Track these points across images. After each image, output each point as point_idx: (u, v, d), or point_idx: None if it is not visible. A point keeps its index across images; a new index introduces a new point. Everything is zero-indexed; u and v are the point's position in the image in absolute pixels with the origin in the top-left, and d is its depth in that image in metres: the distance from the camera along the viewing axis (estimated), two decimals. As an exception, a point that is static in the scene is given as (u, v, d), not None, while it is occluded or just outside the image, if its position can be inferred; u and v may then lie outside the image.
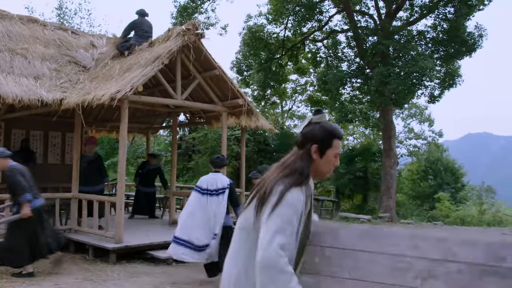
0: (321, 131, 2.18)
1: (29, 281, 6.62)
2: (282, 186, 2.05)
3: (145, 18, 10.78)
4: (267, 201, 2.05)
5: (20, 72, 9.24)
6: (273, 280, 1.88)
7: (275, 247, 1.91)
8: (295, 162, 2.16)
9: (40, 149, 12.48)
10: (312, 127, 2.20)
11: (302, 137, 2.21)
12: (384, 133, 19.62)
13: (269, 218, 1.99)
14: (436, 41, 18.89)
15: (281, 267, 1.89)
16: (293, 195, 2.03)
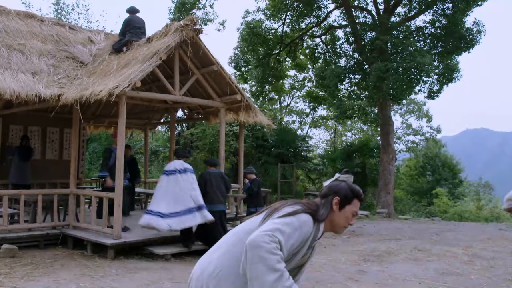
0: (346, 188, 2.42)
1: (27, 276, 6.62)
2: (299, 207, 2.26)
3: (136, 15, 10.87)
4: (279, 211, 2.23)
5: (17, 67, 9.21)
6: (264, 259, 1.97)
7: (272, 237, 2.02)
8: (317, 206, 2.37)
9: (38, 145, 12.47)
10: (339, 183, 2.45)
11: (327, 189, 2.44)
12: (382, 129, 19.64)
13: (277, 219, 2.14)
14: (435, 36, 18.88)
15: (272, 249, 1.99)
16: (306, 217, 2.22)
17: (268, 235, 2.02)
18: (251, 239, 2.02)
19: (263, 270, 1.97)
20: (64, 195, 9.41)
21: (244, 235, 2.19)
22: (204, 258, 2.35)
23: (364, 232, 12.38)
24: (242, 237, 2.19)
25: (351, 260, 8.29)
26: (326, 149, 32.09)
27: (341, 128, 33.38)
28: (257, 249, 1.99)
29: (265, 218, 2.25)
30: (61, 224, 9.21)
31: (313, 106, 30.10)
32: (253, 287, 2.00)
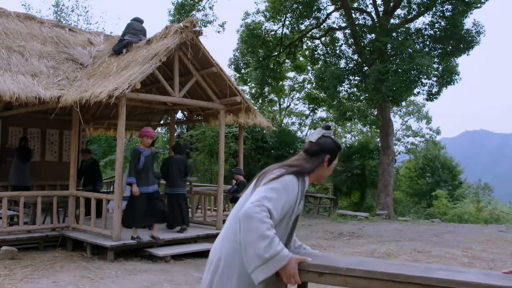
0: (333, 145, 2.62)
1: (27, 278, 6.61)
2: (283, 170, 2.45)
3: (138, 23, 11.00)
4: (265, 177, 2.44)
5: (17, 69, 9.22)
6: (256, 228, 2.18)
7: (261, 206, 2.22)
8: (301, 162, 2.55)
9: (38, 147, 12.47)
10: (325, 140, 2.61)
11: (317, 147, 2.60)
12: (381, 130, 19.65)
13: (262, 187, 2.35)
14: (434, 38, 18.91)
15: (262, 218, 2.19)
16: (288, 178, 2.40)
17: (257, 206, 2.22)
18: (243, 211, 2.23)
19: (255, 238, 2.17)
20: (63, 197, 9.41)
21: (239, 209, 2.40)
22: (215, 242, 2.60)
23: (364, 234, 12.38)
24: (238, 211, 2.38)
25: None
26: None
27: (341, 130, 33.40)
28: (248, 220, 2.19)
29: (253, 188, 2.47)
30: (61, 226, 9.20)
31: (312, 108, 30.12)
32: (248, 254, 2.21)
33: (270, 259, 2.19)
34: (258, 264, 2.20)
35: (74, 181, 9.39)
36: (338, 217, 16.38)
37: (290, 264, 2.22)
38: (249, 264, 2.23)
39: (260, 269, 2.20)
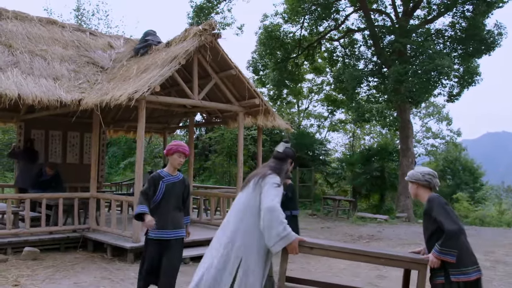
0: (292, 153, 4.12)
1: (49, 279, 6.70)
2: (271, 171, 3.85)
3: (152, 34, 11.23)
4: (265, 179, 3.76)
5: (39, 73, 9.35)
6: (277, 219, 3.51)
7: (276, 202, 3.57)
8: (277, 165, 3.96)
9: (59, 149, 12.63)
10: (287, 150, 4.08)
11: (284, 154, 4.04)
12: (401, 132, 19.47)
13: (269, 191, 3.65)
14: (454, 39, 18.68)
15: (281, 211, 3.54)
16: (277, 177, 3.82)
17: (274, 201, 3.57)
18: (267, 206, 3.54)
19: (276, 224, 3.51)
20: (84, 198, 9.51)
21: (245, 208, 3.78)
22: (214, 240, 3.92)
23: (384, 237, 12.27)
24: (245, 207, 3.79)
25: (370, 265, 8.21)
26: (344, 152, 31.92)
27: (360, 132, 33.18)
28: (271, 212, 3.52)
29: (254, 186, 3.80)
30: (82, 228, 9.31)
31: (331, 110, 29.99)
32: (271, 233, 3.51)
33: (284, 237, 3.52)
34: (277, 240, 3.52)
35: (95, 183, 9.49)
36: (357, 219, 16.27)
37: (295, 242, 3.58)
38: (270, 240, 3.53)
39: (278, 244, 3.53)
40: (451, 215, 3.62)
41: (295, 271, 7.58)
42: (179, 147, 5.10)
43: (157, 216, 4.92)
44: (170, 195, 5.05)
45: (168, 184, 5.06)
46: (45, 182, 10.11)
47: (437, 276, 3.67)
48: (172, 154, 5.10)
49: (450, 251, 3.52)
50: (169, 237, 4.99)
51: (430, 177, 3.88)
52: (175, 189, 5.09)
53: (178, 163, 5.11)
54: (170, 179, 5.10)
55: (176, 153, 5.07)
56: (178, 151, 5.07)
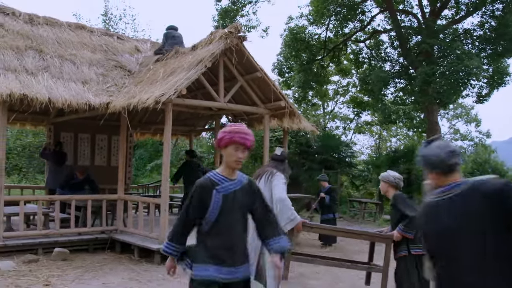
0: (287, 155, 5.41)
1: (78, 279, 6.82)
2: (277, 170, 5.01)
3: (173, 31, 11.59)
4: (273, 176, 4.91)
5: (69, 77, 9.53)
6: (287, 206, 4.78)
7: (285, 194, 4.84)
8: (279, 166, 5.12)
9: (88, 152, 12.83)
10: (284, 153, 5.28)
11: (282, 157, 5.21)
12: (428, 134, 19.16)
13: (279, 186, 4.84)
14: (483, 39, 18.31)
15: (289, 201, 4.83)
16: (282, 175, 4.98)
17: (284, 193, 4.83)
18: (278, 197, 4.77)
19: (287, 209, 4.78)
20: (112, 200, 9.65)
21: None
22: None
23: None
24: None
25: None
26: (370, 155, 31.60)
27: (386, 134, 32.82)
28: (282, 201, 4.77)
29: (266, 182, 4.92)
30: (109, 229, 9.45)
31: (357, 112, 29.74)
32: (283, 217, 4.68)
33: (293, 220, 4.80)
34: (288, 222, 4.75)
35: (122, 185, 9.62)
36: (383, 222, 16.08)
37: (300, 223, 4.91)
38: (282, 222, 4.40)
39: (288, 224, 4.77)
40: (411, 206, 5.02)
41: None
42: (235, 134, 3.19)
43: (211, 243, 3.22)
44: (231, 211, 3.24)
45: (227, 195, 3.24)
46: (76, 184, 10.34)
47: (401, 250, 5.04)
48: (225, 147, 3.23)
49: (409, 230, 4.91)
50: (231, 278, 3.22)
51: (398, 180, 5.30)
52: (237, 200, 3.27)
53: (236, 160, 3.22)
54: (228, 187, 3.26)
55: (231, 145, 3.20)
56: (234, 142, 3.18)
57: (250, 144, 3.21)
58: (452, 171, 2.57)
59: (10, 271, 7.08)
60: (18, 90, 8.15)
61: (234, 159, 3.21)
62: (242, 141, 3.17)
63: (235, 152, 3.19)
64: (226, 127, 3.26)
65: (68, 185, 10.28)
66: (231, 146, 3.19)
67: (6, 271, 7.04)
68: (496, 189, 2.37)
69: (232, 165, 3.25)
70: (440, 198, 2.55)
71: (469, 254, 2.39)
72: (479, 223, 2.37)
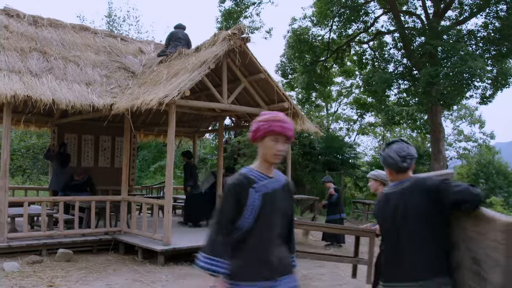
0: None
1: (82, 280, 6.83)
2: None
3: (181, 30, 11.66)
4: None
5: (73, 78, 9.56)
6: None
7: None
8: None
9: (91, 153, 12.86)
10: None
11: None
12: (432, 135, 19.13)
13: None
14: (487, 40, 18.27)
15: None
16: None
17: None
18: None
19: None
20: (116, 201, 9.67)
21: None
22: None
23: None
24: None
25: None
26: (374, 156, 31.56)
27: (390, 135, 32.77)
28: None
29: None
30: (113, 230, 9.46)
31: (360, 113, 29.73)
32: None
33: None
34: None
35: (126, 187, 9.64)
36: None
37: None
38: None
39: None
40: None
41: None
42: (274, 123, 2.76)
43: (248, 254, 2.73)
44: (271, 214, 2.76)
45: (266, 194, 2.76)
46: (76, 186, 10.35)
47: None
48: (262, 139, 2.79)
49: None
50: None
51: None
52: (277, 202, 2.80)
53: (275, 154, 2.77)
54: (267, 185, 2.79)
55: (269, 136, 2.76)
56: (273, 132, 2.75)
57: (291, 134, 2.78)
58: (403, 171, 3.10)
59: (14, 272, 7.10)
60: (22, 91, 8.18)
61: (273, 152, 2.75)
62: (282, 130, 2.74)
63: (274, 144, 2.75)
64: (261, 116, 2.84)
65: (68, 187, 10.31)
66: (269, 137, 2.75)
67: (11, 272, 7.06)
68: (434, 186, 2.90)
69: (271, 159, 2.79)
70: (392, 191, 3.12)
71: (407, 236, 2.93)
72: (418, 213, 2.90)
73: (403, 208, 2.97)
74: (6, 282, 6.59)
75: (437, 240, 2.88)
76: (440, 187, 2.87)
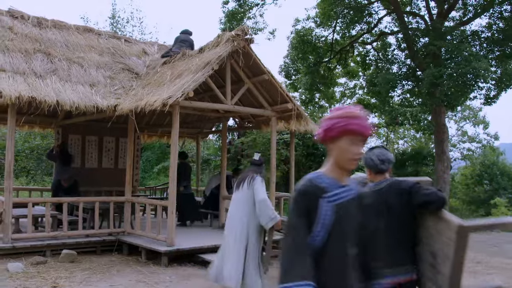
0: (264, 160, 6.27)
1: (86, 281, 6.84)
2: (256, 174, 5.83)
3: (186, 35, 11.75)
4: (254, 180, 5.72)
5: (77, 79, 9.58)
6: (268, 206, 5.57)
7: (266, 195, 5.65)
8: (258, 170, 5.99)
9: (95, 154, 12.88)
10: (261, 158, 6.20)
11: (260, 162, 6.12)
12: (436, 136, 19.10)
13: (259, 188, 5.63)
14: (491, 40, 18.23)
15: (269, 201, 5.68)
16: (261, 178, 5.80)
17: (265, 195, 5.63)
18: (261, 199, 5.55)
19: (269, 210, 5.54)
20: (120, 202, 9.68)
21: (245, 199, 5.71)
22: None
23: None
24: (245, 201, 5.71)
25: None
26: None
27: (393, 136, 32.69)
28: (265, 202, 5.56)
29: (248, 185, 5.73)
30: (117, 231, 9.47)
31: (364, 114, 29.65)
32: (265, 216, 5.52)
33: (273, 218, 5.54)
34: (269, 221, 5.54)
35: (129, 187, 9.65)
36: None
37: (279, 221, 5.59)
38: (264, 221, 5.55)
39: (270, 223, 5.55)
40: None
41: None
42: (351, 121, 2.27)
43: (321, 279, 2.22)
44: (346, 231, 2.32)
45: (340, 206, 2.31)
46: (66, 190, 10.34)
47: None
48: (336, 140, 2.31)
49: None
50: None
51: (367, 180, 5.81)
52: (353, 216, 2.36)
53: (353, 158, 2.31)
54: (340, 194, 2.33)
55: (345, 136, 2.29)
56: (351, 132, 2.28)
57: (370, 133, 2.31)
58: (381, 173, 3.53)
59: (18, 272, 7.12)
60: (27, 92, 8.21)
61: (350, 156, 2.27)
62: (361, 129, 2.25)
63: (351, 146, 2.26)
64: (335, 111, 2.34)
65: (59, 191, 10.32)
66: (346, 138, 2.26)
67: (15, 273, 7.08)
68: (407, 188, 3.33)
69: (346, 165, 2.31)
70: (370, 190, 3.47)
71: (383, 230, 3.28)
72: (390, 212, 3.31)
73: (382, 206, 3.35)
74: (10, 282, 6.61)
75: (407, 235, 3.34)
76: (412, 189, 3.30)
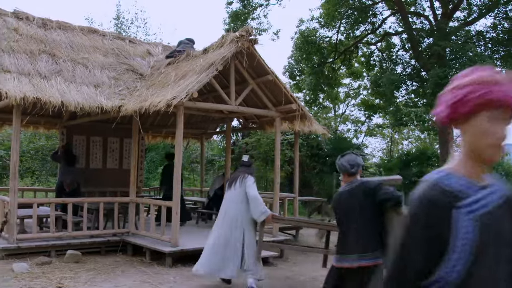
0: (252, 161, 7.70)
1: (90, 282, 6.86)
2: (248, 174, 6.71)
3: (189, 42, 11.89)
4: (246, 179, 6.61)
5: (81, 80, 9.61)
6: (260, 202, 6.45)
7: (257, 192, 6.55)
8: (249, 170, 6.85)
9: (100, 155, 12.90)
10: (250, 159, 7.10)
11: (249, 162, 6.98)
12: (440, 137, 19.05)
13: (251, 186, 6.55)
14: (496, 41, 18.17)
15: (261, 198, 6.54)
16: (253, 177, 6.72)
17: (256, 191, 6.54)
18: (252, 195, 6.46)
19: (260, 205, 6.43)
20: (124, 203, 9.70)
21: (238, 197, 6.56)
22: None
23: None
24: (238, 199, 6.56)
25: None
26: (382, 158, 31.42)
27: (398, 137, 32.63)
28: (256, 198, 6.45)
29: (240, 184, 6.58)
30: (121, 232, 9.49)
31: (368, 114, 29.62)
32: (256, 211, 6.41)
33: (264, 213, 6.37)
34: (260, 215, 6.37)
35: (134, 188, 9.67)
36: (395, 226, 15.96)
37: (270, 215, 6.47)
38: (256, 215, 6.40)
39: (261, 217, 6.39)
40: None
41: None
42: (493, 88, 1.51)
43: None
44: (495, 252, 1.53)
45: (484, 217, 1.53)
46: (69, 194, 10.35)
47: None
48: (469, 116, 1.60)
49: None
50: None
51: None
52: (501, 228, 1.56)
53: (497, 144, 1.55)
54: (481, 200, 1.56)
55: (485, 111, 1.55)
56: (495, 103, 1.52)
57: None
58: (352, 175, 4.35)
59: (23, 273, 7.14)
60: (32, 93, 8.24)
61: (493, 140, 1.55)
62: (507, 99, 1.52)
63: (493, 125, 1.54)
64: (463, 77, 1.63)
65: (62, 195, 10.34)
66: (484, 114, 1.54)
67: (20, 273, 7.10)
68: (372, 187, 4.13)
69: (487, 155, 1.58)
70: (344, 190, 4.31)
71: (353, 224, 4.12)
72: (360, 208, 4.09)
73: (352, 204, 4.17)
74: (15, 283, 6.63)
75: (375, 227, 4.04)
76: (376, 189, 4.09)
